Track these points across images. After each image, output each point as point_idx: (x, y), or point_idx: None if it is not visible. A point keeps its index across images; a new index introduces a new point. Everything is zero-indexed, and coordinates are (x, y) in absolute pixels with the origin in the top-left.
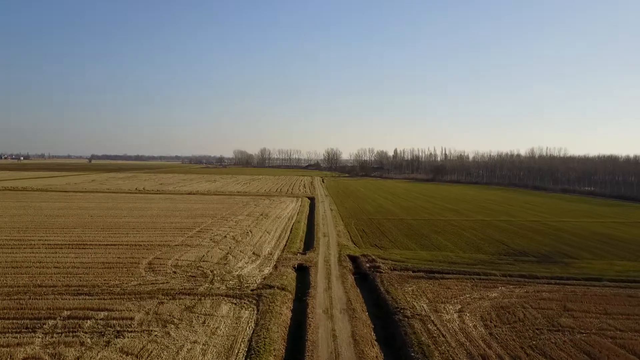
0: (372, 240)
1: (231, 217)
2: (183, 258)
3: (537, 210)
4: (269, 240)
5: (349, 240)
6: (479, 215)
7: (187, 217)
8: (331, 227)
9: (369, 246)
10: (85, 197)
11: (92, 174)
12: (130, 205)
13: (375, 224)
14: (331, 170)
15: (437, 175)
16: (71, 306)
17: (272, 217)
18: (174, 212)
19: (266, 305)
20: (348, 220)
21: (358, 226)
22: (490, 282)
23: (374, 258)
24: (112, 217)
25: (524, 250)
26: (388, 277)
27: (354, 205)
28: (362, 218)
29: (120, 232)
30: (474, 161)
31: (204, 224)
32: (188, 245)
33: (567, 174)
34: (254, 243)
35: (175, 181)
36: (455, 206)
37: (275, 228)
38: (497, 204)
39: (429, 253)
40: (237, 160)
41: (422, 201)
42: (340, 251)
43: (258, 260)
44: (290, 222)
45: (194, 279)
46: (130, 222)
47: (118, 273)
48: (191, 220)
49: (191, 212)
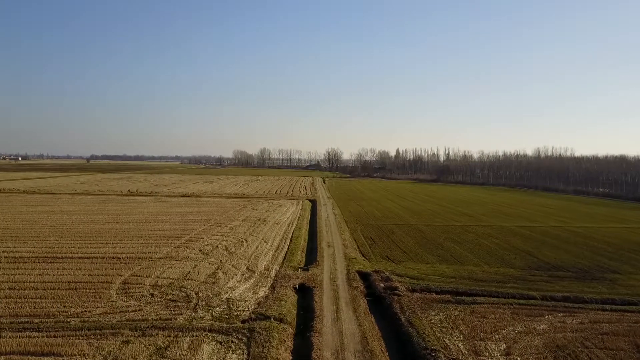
0: (382, 250)
1: (226, 222)
2: (165, 275)
3: (556, 214)
4: (266, 252)
5: (356, 252)
6: (495, 220)
7: (178, 223)
8: (336, 235)
9: (380, 259)
10: (72, 200)
11: (87, 175)
12: (119, 208)
13: (384, 230)
14: (332, 171)
15: (441, 175)
16: (7, 349)
17: (270, 222)
18: (163, 218)
19: (259, 347)
20: (354, 227)
21: (365, 234)
22: (532, 309)
23: (388, 275)
24: (96, 222)
25: (557, 264)
26: (408, 301)
27: (359, 209)
28: (369, 224)
29: (100, 242)
30: (479, 161)
31: (194, 231)
32: (173, 258)
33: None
34: (249, 255)
35: (171, 182)
36: (467, 210)
37: (274, 236)
38: (511, 207)
39: (450, 267)
40: (237, 160)
41: (430, 204)
42: (349, 266)
43: (252, 278)
44: (290, 228)
45: (173, 304)
46: (113, 229)
47: (83, 296)
48: (181, 227)
49: (183, 217)
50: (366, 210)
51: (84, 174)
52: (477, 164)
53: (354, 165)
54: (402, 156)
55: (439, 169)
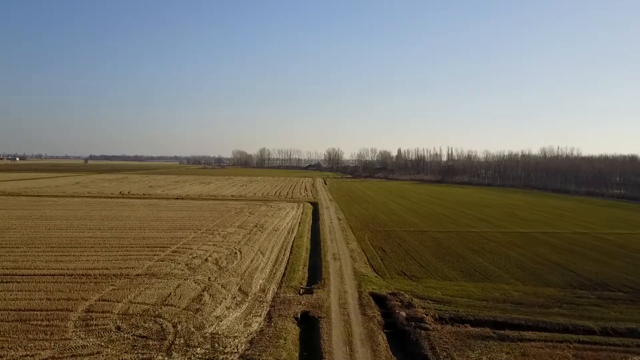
0: (396, 264)
1: (219, 229)
2: (140, 299)
3: (577, 218)
4: (263, 266)
5: (367, 266)
6: (513, 225)
7: (166, 230)
8: (342, 244)
9: (395, 275)
10: (57, 203)
11: (80, 176)
12: (105, 213)
13: (395, 238)
14: (333, 171)
15: (445, 176)
16: None
17: (268, 229)
18: (151, 224)
19: None
20: (361, 234)
21: (375, 242)
22: (598, 349)
23: (408, 299)
24: (75, 229)
25: (601, 281)
26: (439, 337)
27: (364, 213)
28: (377, 230)
29: (73, 254)
30: (484, 161)
31: (183, 240)
32: (154, 275)
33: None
34: (243, 271)
35: (166, 183)
36: (480, 213)
37: (272, 246)
38: (525, 210)
39: (478, 286)
40: (236, 160)
41: (439, 207)
42: (360, 286)
43: (245, 303)
44: (290, 236)
45: (143, 343)
46: (92, 238)
47: (32, 332)
48: (169, 235)
49: (173, 222)
50: (372, 214)
51: (77, 175)
52: (482, 164)
53: (355, 165)
54: (404, 156)
55: (443, 170)
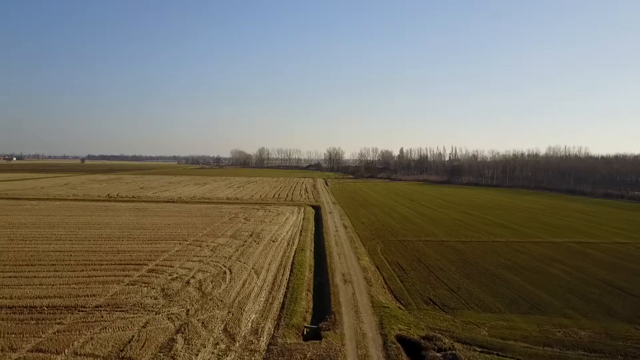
0: (421, 287)
1: (209, 240)
2: (87, 349)
3: (610, 225)
4: (257, 293)
5: (385, 291)
6: (540, 233)
7: (147, 241)
8: (351, 260)
9: (423, 303)
10: (35, 208)
11: (72, 176)
12: (83, 219)
13: (412, 251)
14: (333, 171)
15: (451, 176)
16: None
17: (265, 239)
18: (132, 232)
19: None
20: (372, 245)
21: (389, 256)
22: None
23: (451, 348)
24: (41, 240)
25: None
26: None
27: (372, 219)
28: (390, 240)
29: (25, 274)
30: (492, 161)
31: (166, 253)
32: (118, 306)
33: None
34: (231, 300)
35: (159, 184)
36: (498, 218)
37: (269, 262)
38: (546, 214)
39: (531, 320)
40: (235, 160)
41: (453, 211)
42: (382, 324)
43: (230, 356)
44: (290, 249)
45: None
46: (57, 252)
47: None
48: (149, 248)
49: (157, 231)
50: (381, 220)
51: (69, 176)
52: (489, 164)
53: (356, 165)
54: (407, 156)
55: (449, 170)
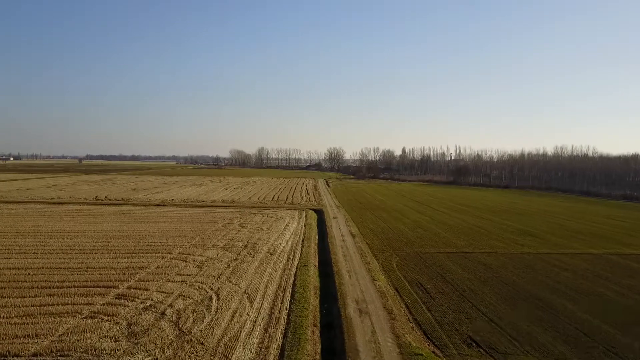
0: (454, 317)
1: (197, 252)
2: None
3: None
4: (249, 331)
5: (412, 325)
6: (573, 242)
7: (125, 254)
8: (365, 280)
9: (463, 345)
10: (10, 212)
11: (63, 177)
12: (58, 226)
13: (433, 266)
14: (334, 171)
15: (458, 177)
16: None
17: (262, 251)
18: (110, 243)
19: None
20: (386, 259)
21: (408, 273)
22: None
23: None
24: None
25: None
26: None
27: (382, 225)
28: (405, 252)
29: None
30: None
31: (143, 271)
32: (64, 353)
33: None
34: (215, 343)
35: (153, 185)
36: (520, 224)
37: (265, 284)
38: (571, 219)
39: None
40: (234, 160)
41: (468, 215)
42: None
43: None
44: (291, 265)
45: None
46: (12, 270)
47: None
48: (125, 264)
49: (139, 240)
50: (391, 227)
51: (61, 176)
52: (497, 163)
53: (358, 165)
54: (409, 155)
55: (455, 170)
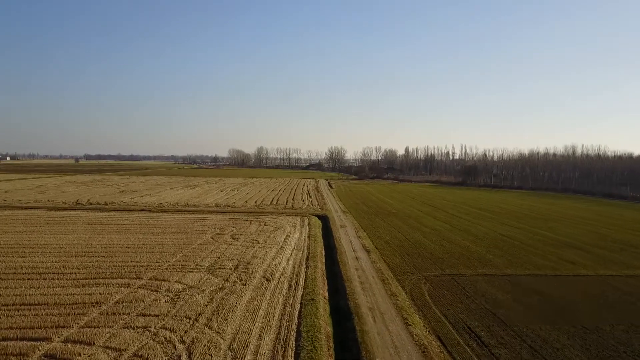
0: None
1: (174, 276)
2: None
3: None
4: None
5: None
6: (628, 258)
7: (80, 280)
8: (396, 327)
9: None
10: None
11: (52, 177)
12: (16, 238)
13: (476, 298)
14: (335, 171)
15: (467, 177)
16: None
17: (256, 275)
18: (68, 262)
19: None
20: (415, 286)
21: (448, 312)
22: None
23: None
24: None
25: None
26: None
27: (397, 235)
28: (435, 275)
29: None
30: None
31: (96, 309)
32: None
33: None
34: None
35: (144, 187)
36: (555, 233)
37: (259, 332)
38: (609, 227)
39: None
40: (233, 160)
41: (493, 222)
42: None
43: None
44: (294, 297)
45: None
46: None
47: None
48: (75, 296)
49: (106, 258)
50: (409, 238)
51: (50, 177)
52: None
53: (360, 165)
54: (412, 155)
55: (463, 170)
